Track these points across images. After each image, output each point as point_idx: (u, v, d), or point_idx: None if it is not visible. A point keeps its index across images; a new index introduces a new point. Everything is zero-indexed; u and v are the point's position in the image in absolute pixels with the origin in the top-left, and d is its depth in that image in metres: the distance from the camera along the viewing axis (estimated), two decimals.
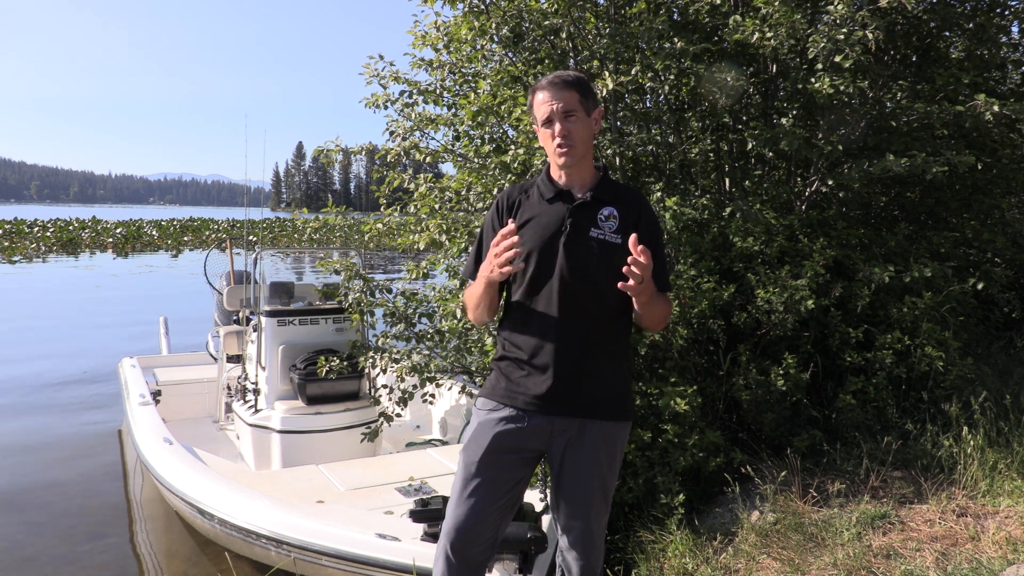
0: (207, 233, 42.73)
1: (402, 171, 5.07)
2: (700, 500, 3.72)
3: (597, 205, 2.13)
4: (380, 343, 4.78)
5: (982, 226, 4.95)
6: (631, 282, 1.91)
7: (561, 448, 2.13)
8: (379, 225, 5.15)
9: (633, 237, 1.90)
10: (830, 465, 3.69)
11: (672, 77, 4.21)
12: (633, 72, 4.04)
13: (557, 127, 2.09)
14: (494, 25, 4.22)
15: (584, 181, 2.17)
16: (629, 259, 1.89)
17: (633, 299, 2.05)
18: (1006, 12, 4.55)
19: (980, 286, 4.42)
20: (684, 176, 4.73)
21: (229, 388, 5.95)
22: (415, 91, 4.87)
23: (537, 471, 2.83)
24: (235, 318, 6.23)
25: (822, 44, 3.75)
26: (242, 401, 5.37)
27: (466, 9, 4.44)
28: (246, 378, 5.47)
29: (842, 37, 3.69)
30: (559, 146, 2.09)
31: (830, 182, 4.27)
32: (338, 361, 4.84)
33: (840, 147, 4.13)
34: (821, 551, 3.01)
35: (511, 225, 1.98)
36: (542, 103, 2.10)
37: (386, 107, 4.90)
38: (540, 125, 2.13)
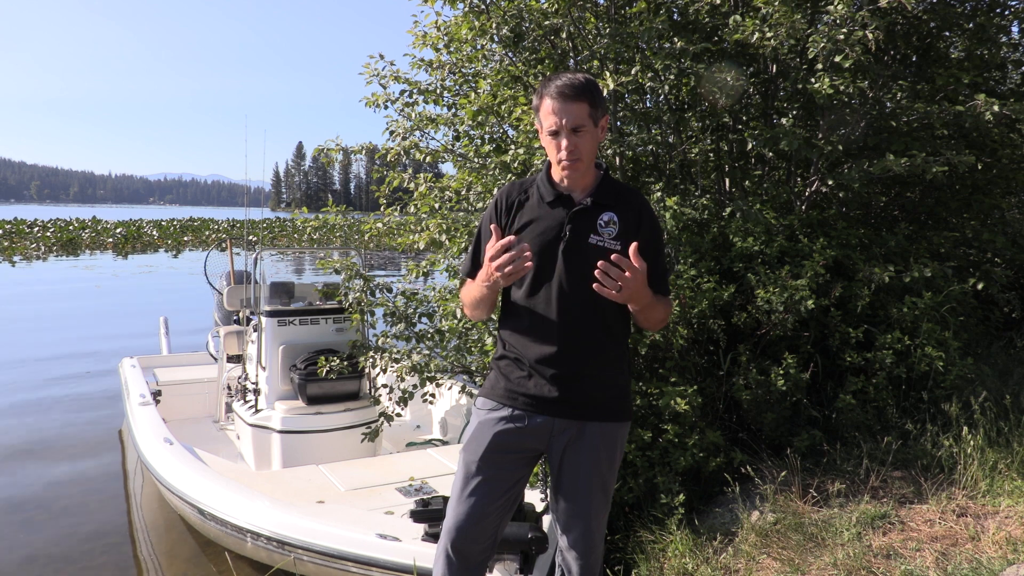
0: (207, 233, 42.73)
1: (402, 171, 5.07)
2: (700, 500, 3.72)
3: (597, 210, 2.12)
4: (380, 343, 4.78)
5: (982, 226, 4.95)
6: (610, 291, 1.91)
7: (561, 448, 2.13)
8: (379, 225, 5.15)
9: (634, 247, 1.91)
10: (830, 465, 3.69)
11: (672, 77, 4.21)
12: (633, 72, 4.04)
13: (564, 142, 2.06)
14: (494, 25, 4.22)
15: (585, 183, 2.16)
16: (601, 266, 1.89)
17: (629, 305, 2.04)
18: (1006, 12, 4.55)
19: (980, 286, 4.42)
20: (684, 176, 4.73)
21: (229, 388, 5.95)
22: (415, 91, 4.87)
23: (538, 471, 2.83)
24: (235, 318, 6.23)
25: (822, 44, 3.75)
26: (242, 401, 5.37)
27: (466, 9, 4.44)
28: (246, 378, 5.48)
29: (842, 37, 3.69)
30: (565, 160, 2.07)
31: (830, 182, 4.27)
32: (338, 361, 4.84)
33: (840, 147, 4.13)
34: (821, 551, 3.01)
35: (509, 238, 1.96)
36: (549, 114, 2.05)
37: (386, 107, 4.90)
38: (545, 133, 2.10)
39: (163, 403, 5.92)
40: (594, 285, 1.93)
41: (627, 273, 1.90)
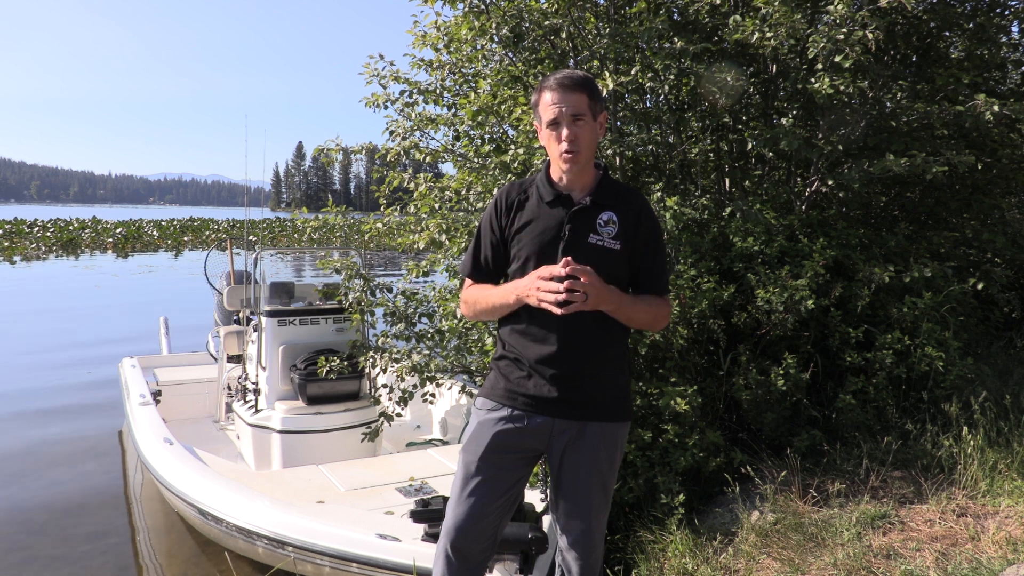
0: (207, 233, 42.72)
1: (402, 171, 5.07)
2: (700, 500, 3.72)
3: (596, 210, 2.12)
4: (380, 343, 4.78)
5: (982, 226, 4.95)
6: (571, 306, 1.93)
7: (561, 448, 2.13)
8: (379, 225, 5.15)
9: (566, 260, 1.94)
10: (830, 465, 3.70)
11: (672, 77, 4.22)
12: (633, 72, 4.04)
13: (564, 131, 2.06)
14: (494, 25, 4.22)
15: (584, 183, 2.16)
16: (566, 284, 1.91)
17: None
18: (1006, 12, 4.55)
19: (980, 286, 4.42)
20: (684, 176, 4.73)
21: (229, 388, 5.95)
22: (415, 91, 4.88)
23: (538, 471, 2.84)
24: (235, 318, 6.24)
25: (822, 44, 3.75)
26: (242, 401, 5.37)
27: (466, 9, 4.44)
28: (246, 378, 5.48)
29: (842, 37, 3.69)
30: (566, 151, 2.07)
31: (830, 182, 4.27)
32: (338, 361, 4.84)
33: (840, 147, 4.13)
34: (821, 551, 3.01)
35: (562, 270, 1.94)
36: (549, 104, 2.06)
37: (386, 107, 4.91)
38: (545, 126, 2.10)
39: (163, 403, 5.92)
40: (559, 312, 1.94)
41: (583, 279, 1.92)
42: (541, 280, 1.98)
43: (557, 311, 1.95)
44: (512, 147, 4.25)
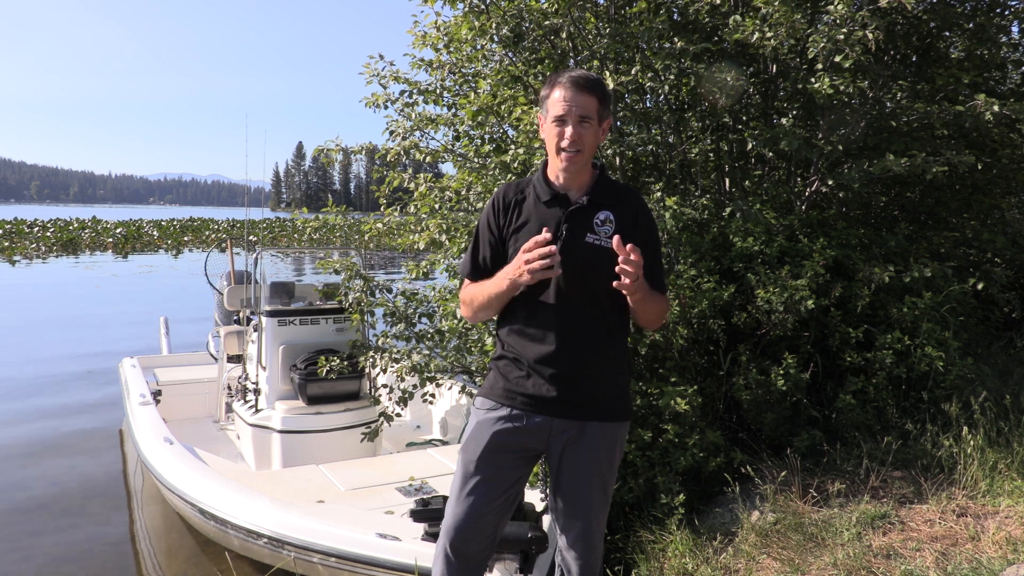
0: (207, 233, 42.73)
1: (402, 171, 5.07)
2: (700, 500, 3.73)
3: (593, 209, 2.12)
4: (380, 343, 4.78)
5: (982, 226, 4.95)
6: (625, 280, 1.91)
7: (560, 448, 2.13)
8: (379, 225, 5.15)
9: (616, 239, 1.91)
10: (830, 465, 3.70)
11: (672, 77, 4.21)
12: (633, 72, 4.04)
13: (569, 130, 2.06)
14: (494, 25, 4.22)
15: (581, 182, 2.16)
16: (620, 259, 1.90)
17: (628, 297, 2.05)
18: (1006, 12, 4.55)
19: (980, 286, 4.42)
20: (684, 176, 4.73)
21: (229, 388, 5.95)
22: (415, 91, 4.88)
23: (538, 471, 2.83)
24: (235, 318, 6.24)
25: (822, 44, 3.75)
26: (242, 401, 5.37)
27: (466, 9, 4.44)
28: (246, 378, 5.48)
29: (842, 37, 3.69)
30: (566, 150, 2.07)
31: (830, 182, 4.27)
32: (338, 361, 4.84)
33: (840, 147, 4.13)
34: (821, 551, 3.02)
35: (546, 235, 1.96)
36: (559, 101, 2.07)
37: (386, 107, 4.90)
38: (550, 120, 2.10)
39: (163, 403, 5.92)
40: (614, 284, 1.93)
41: (633, 257, 1.91)
42: (527, 254, 1.97)
43: (553, 274, 1.96)
44: (512, 147, 4.25)
